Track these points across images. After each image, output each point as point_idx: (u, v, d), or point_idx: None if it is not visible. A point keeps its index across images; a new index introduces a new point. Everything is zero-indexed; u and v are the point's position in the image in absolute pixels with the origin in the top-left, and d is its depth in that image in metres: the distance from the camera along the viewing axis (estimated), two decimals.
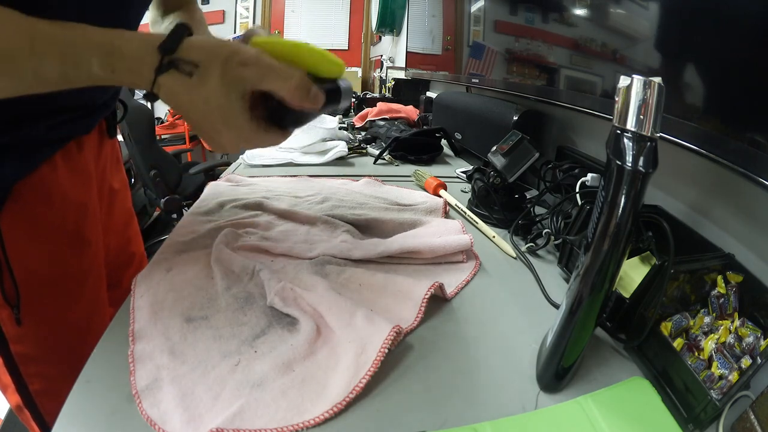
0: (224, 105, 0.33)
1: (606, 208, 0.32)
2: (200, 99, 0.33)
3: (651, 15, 0.52)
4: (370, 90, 3.28)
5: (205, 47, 0.33)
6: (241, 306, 0.45)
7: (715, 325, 0.39)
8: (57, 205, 0.49)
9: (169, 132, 3.60)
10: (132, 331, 0.41)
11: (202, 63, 0.32)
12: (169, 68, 0.32)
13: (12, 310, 0.47)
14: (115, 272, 0.65)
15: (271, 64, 0.34)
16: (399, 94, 2.01)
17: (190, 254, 0.54)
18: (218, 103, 0.33)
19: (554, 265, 0.59)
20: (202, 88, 0.33)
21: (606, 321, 0.43)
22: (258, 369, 0.37)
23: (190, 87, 0.33)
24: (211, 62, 0.32)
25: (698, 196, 0.53)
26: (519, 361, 0.41)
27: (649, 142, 0.30)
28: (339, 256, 0.55)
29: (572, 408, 0.35)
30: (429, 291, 0.45)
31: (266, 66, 0.34)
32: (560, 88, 0.73)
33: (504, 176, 0.69)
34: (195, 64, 0.32)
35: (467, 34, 1.17)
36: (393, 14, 2.57)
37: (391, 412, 0.34)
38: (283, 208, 0.68)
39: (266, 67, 0.34)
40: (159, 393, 0.34)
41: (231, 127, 0.34)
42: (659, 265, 0.39)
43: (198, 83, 0.32)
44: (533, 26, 0.81)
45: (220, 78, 0.32)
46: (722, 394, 0.33)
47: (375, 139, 1.24)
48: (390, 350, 0.38)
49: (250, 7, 3.86)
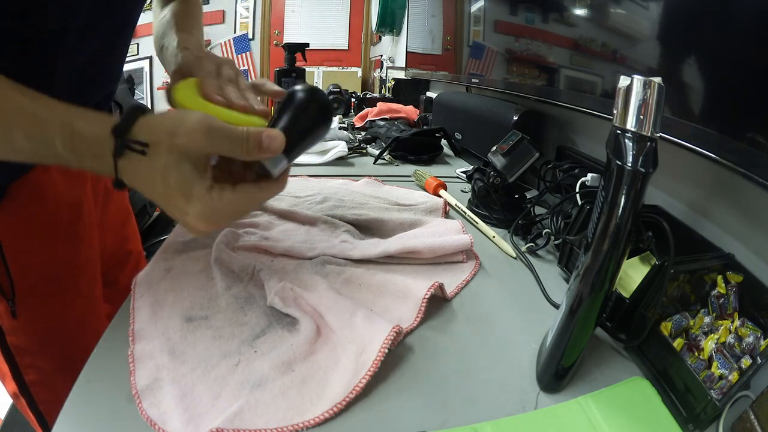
0: (179, 178, 0.32)
1: (606, 208, 0.32)
2: (158, 177, 0.32)
3: (651, 15, 0.52)
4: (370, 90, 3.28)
5: (153, 125, 0.32)
6: (241, 306, 0.45)
7: (715, 325, 0.39)
8: (51, 204, 0.50)
9: None
10: (132, 331, 0.41)
11: (151, 141, 0.32)
12: (123, 150, 0.31)
13: (8, 303, 0.48)
14: (111, 270, 0.65)
15: (214, 127, 0.32)
16: (399, 94, 2.01)
17: (190, 254, 0.54)
18: (174, 178, 0.32)
19: (554, 265, 0.59)
20: (157, 164, 0.32)
21: (606, 321, 0.43)
22: (258, 369, 0.37)
23: (147, 166, 0.32)
24: (158, 138, 0.32)
25: (698, 196, 0.53)
26: (519, 361, 0.41)
27: (649, 142, 0.30)
28: (339, 256, 0.55)
29: (572, 408, 0.35)
30: (429, 291, 0.45)
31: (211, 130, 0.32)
32: (560, 88, 0.73)
33: (504, 176, 0.69)
34: (145, 143, 0.32)
35: (467, 34, 1.17)
36: (393, 14, 2.57)
37: (391, 412, 0.34)
38: (283, 208, 0.68)
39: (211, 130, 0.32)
40: (159, 393, 0.34)
41: (192, 201, 0.33)
42: (659, 265, 0.39)
43: (151, 161, 0.32)
44: (533, 26, 0.81)
45: (168, 152, 0.32)
46: (722, 394, 0.33)
47: (375, 139, 1.24)
48: (390, 350, 0.38)
49: (250, 7, 3.85)
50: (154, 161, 0.32)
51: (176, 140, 0.32)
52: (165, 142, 0.32)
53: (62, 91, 0.44)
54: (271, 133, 0.34)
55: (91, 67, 0.48)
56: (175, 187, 0.32)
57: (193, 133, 0.32)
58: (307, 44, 1.84)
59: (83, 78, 0.48)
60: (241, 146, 0.33)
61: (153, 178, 0.32)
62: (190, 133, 0.32)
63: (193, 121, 0.32)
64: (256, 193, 0.36)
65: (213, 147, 0.33)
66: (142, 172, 0.33)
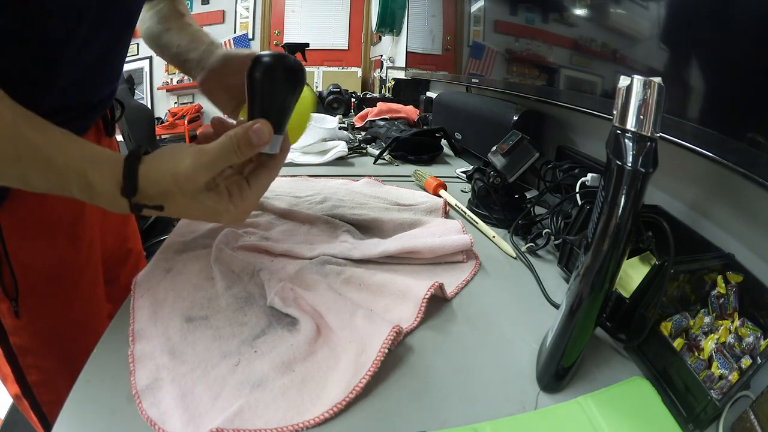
0: (200, 208, 0.36)
1: (606, 208, 0.32)
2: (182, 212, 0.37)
3: (651, 15, 0.52)
4: (370, 90, 3.28)
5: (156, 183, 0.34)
6: (241, 306, 0.45)
7: (715, 325, 0.39)
8: (53, 203, 0.50)
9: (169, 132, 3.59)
10: (132, 331, 0.41)
11: (162, 199, 0.35)
12: (141, 210, 0.35)
13: (11, 303, 0.48)
14: (112, 269, 0.66)
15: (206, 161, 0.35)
16: (399, 94, 2.01)
17: (190, 254, 0.54)
18: (196, 209, 0.36)
19: (554, 265, 0.59)
20: (175, 209, 0.36)
21: (606, 321, 0.43)
22: (258, 369, 0.37)
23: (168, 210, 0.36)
24: (168, 194, 0.35)
25: (698, 196, 0.53)
26: (519, 361, 0.41)
27: (649, 142, 0.30)
28: (339, 256, 0.55)
29: (572, 408, 0.35)
30: (429, 291, 0.45)
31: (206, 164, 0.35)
32: (560, 88, 0.73)
33: (504, 176, 0.69)
34: (159, 206, 0.35)
35: (467, 34, 1.17)
36: (393, 14, 2.57)
37: (391, 412, 0.34)
38: (283, 208, 0.68)
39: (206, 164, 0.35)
40: (159, 393, 0.34)
41: (221, 215, 0.37)
42: (659, 265, 0.39)
43: (171, 208, 0.36)
44: (533, 26, 0.81)
45: (182, 197, 0.35)
46: (722, 394, 0.33)
47: (375, 139, 1.24)
48: (390, 350, 0.38)
49: (250, 7, 3.86)
50: (172, 207, 0.36)
51: (182, 186, 0.34)
52: (173, 190, 0.35)
53: (65, 91, 0.44)
54: (256, 128, 0.36)
55: (94, 67, 0.48)
56: (201, 214, 0.37)
57: (194, 177, 0.34)
58: (307, 44, 1.84)
59: (86, 77, 0.48)
60: (236, 155, 0.36)
61: (178, 213, 0.37)
62: (191, 178, 0.34)
63: (188, 167, 0.34)
64: (269, 175, 0.40)
65: (214, 172, 0.36)
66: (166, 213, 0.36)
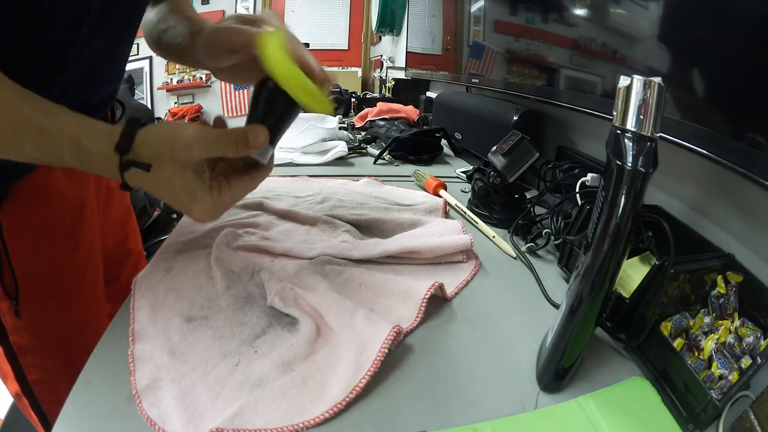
0: (182, 184, 0.36)
1: (606, 208, 0.32)
2: (164, 184, 0.37)
3: (651, 15, 0.52)
4: (370, 90, 3.28)
5: (152, 139, 0.35)
6: (241, 306, 0.45)
7: (715, 325, 0.39)
8: (54, 203, 0.50)
9: None
10: (132, 331, 0.41)
11: (153, 157, 0.35)
12: (128, 168, 0.35)
13: (11, 302, 0.48)
14: (112, 268, 0.66)
15: (207, 137, 0.36)
16: (399, 94, 2.01)
17: (190, 254, 0.54)
18: (178, 184, 0.36)
19: (554, 265, 0.59)
20: (161, 176, 0.36)
21: (606, 321, 0.43)
22: (258, 369, 0.37)
23: (152, 177, 0.36)
24: (159, 152, 0.35)
25: (698, 196, 0.53)
26: (519, 361, 0.41)
27: (649, 142, 0.30)
28: (339, 256, 0.55)
29: (572, 408, 0.35)
30: (429, 291, 0.45)
31: (205, 140, 0.36)
32: (560, 88, 0.73)
33: (504, 176, 0.69)
34: (148, 164, 0.35)
35: (467, 34, 1.17)
36: (393, 14, 2.57)
37: (391, 412, 0.34)
38: (283, 208, 0.68)
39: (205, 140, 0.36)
40: (159, 393, 0.34)
41: (196, 201, 0.37)
42: (659, 265, 0.39)
43: (156, 174, 0.36)
44: (533, 26, 0.81)
45: (171, 166, 0.36)
46: (722, 394, 0.33)
47: (375, 139, 1.24)
48: (390, 350, 0.38)
49: (250, 7, 3.85)
50: (158, 174, 0.36)
51: (176, 153, 0.35)
52: (166, 155, 0.35)
53: (66, 91, 0.44)
54: (256, 131, 0.37)
55: (94, 67, 0.48)
56: (180, 191, 0.37)
57: (191, 146, 0.35)
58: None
59: (86, 78, 0.48)
60: (231, 147, 0.36)
61: (159, 185, 0.37)
62: (188, 146, 0.35)
63: (189, 135, 0.35)
64: (250, 183, 0.41)
65: (208, 153, 0.36)
66: (147, 181, 0.36)
